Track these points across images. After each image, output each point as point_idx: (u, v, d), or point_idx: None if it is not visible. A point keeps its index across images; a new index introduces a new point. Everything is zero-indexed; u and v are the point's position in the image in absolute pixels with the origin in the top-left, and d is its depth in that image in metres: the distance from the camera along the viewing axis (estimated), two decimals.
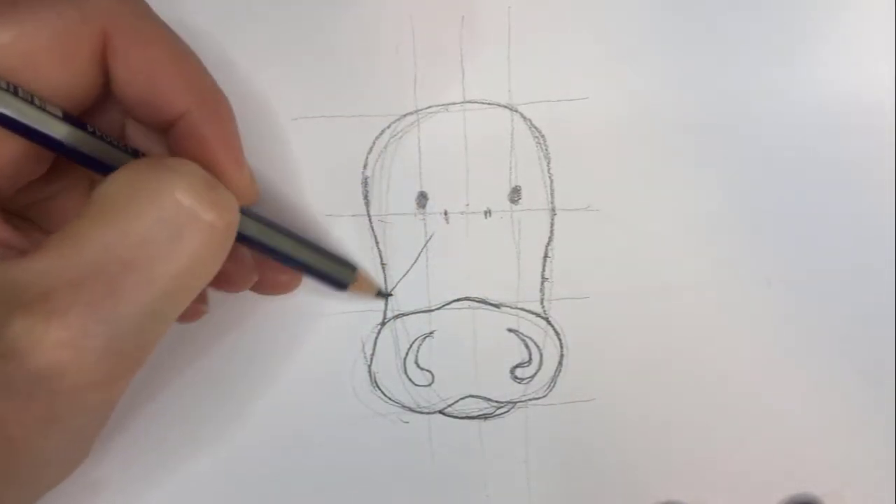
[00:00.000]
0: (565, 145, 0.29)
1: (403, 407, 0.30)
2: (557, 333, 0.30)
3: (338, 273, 0.27)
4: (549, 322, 0.30)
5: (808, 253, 0.29)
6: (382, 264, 0.30)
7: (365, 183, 0.29)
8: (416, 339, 0.30)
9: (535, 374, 0.30)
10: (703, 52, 0.28)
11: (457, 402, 0.30)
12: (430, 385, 0.30)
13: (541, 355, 0.30)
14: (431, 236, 0.29)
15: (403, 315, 0.30)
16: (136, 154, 0.22)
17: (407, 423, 0.30)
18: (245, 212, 0.24)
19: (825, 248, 0.29)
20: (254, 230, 0.24)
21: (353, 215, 0.29)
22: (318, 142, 0.29)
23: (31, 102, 0.20)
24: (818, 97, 0.28)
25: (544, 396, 0.30)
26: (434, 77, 0.28)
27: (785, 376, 0.30)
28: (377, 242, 0.29)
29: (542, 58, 0.28)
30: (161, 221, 0.18)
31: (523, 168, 0.29)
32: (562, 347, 0.30)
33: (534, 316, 0.30)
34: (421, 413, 0.30)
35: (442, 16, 0.28)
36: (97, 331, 0.18)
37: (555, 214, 0.29)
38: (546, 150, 0.29)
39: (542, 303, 0.30)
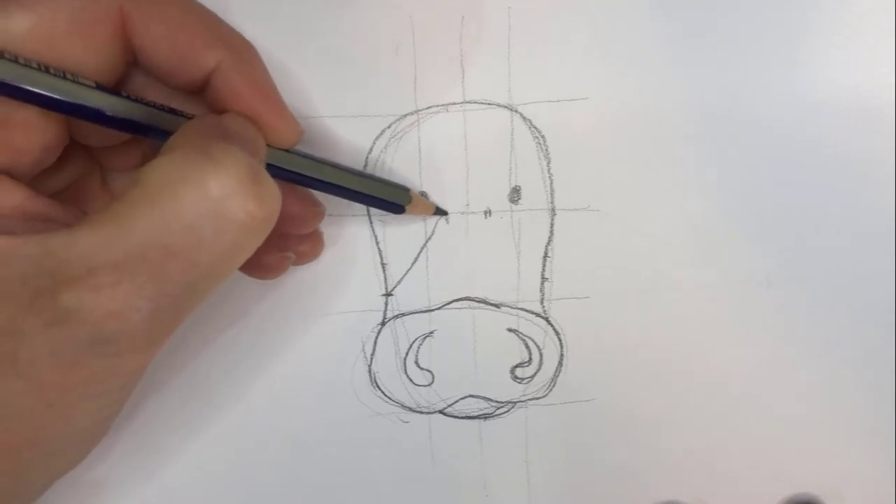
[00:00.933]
0: (565, 145, 0.29)
1: (403, 407, 0.30)
2: (557, 333, 0.30)
3: (393, 196, 0.27)
4: (549, 322, 0.30)
5: (808, 253, 0.29)
6: (382, 264, 0.30)
7: None
8: (416, 339, 0.30)
9: (535, 374, 0.30)
10: (703, 52, 0.28)
11: (457, 402, 0.30)
12: (430, 385, 0.30)
13: (541, 355, 0.30)
14: (431, 236, 0.29)
15: (403, 315, 0.30)
16: (173, 112, 0.22)
17: (407, 423, 0.30)
18: (293, 151, 0.24)
19: (825, 247, 0.29)
20: (304, 167, 0.25)
21: (353, 215, 0.29)
22: (319, 142, 0.29)
23: (64, 77, 0.20)
24: (818, 97, 0.28)
25: (544, 396, 0.30)
26: (434, 77, 0.28)
27: (785, 376, 0.30)
28: (377, 242, 0.29)
29: (542, 58, 0.28)
30: (204, 212, 0.19)
31: (523, 168, 0.29)
32: (562, 347, 0.30)
33: (534, 316, 0.30)
34: (421, 413, 0.30)
35: (442, 16, 0.28)
36: (140, 305, 0.19)
37: (555, 214, 0.29)
38: (546, 150, 0.29)
39: (542, 303, 0.30)
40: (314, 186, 0.26)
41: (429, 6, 0.28)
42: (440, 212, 0.29)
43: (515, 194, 0.29)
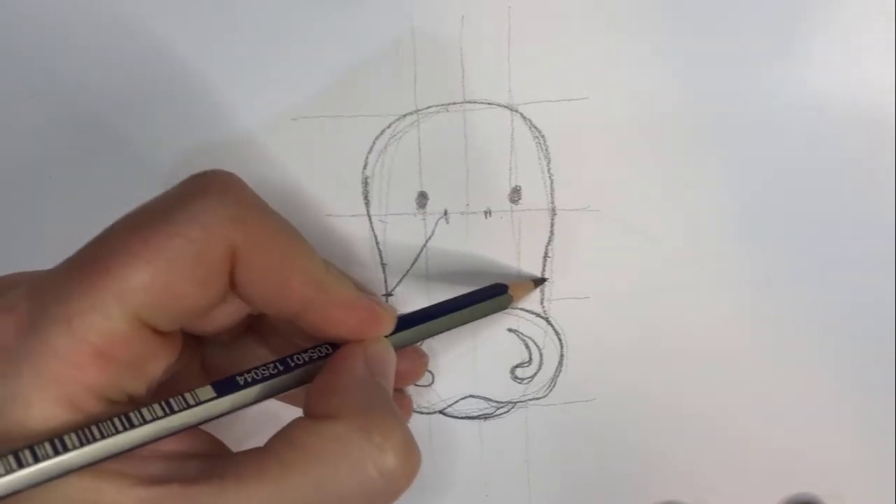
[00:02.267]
0: (565, 145, 0.29)
1: None
2: (557, 333, 0.30)
3: (496, 305, 0.28)
4: (549, 322, 0.30)
5: (808, 253, 0.29)
6: (382, 264, 0.30)
7: (365, 183, 0.29)
8: None
9: (535, 374, 0.30)
10: (703, 52, 0.28)
11: (457, 402, 0.30)
12: (429, 385, 0.30)
13: (541, 355, 0.30)
14: (431, 236, 0.29)
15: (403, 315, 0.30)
16: (294, 366, 0.23)
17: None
18: (401, 323, 0.25)
19: (825, 247, 0.29)
20: (412, 337, 0.25)
21: (353, 215, 0.29)
22: (318, 142, 0.29)
23: (186, 405, 0.21)
24: (818, 97, 0.28)
25: (544, 396, 0.30)
26: (434, 77, 0.28)
27: (785, 376, 0.30)
28: (377, 242, 0.29)
29: (542, 58, 0.28)
30: (359, 488, 0.20)
31: (523, 168, 0.29)
32: (562, 347, 0.30)
33: (534, 316, 0.30)
34: (421, 413, 0.30)
35: (442, 16, 0.28)
36: None
37: (555, 214, 0.29)
38: (546, 150, 0.29)
39: (542, 303, 0.30)
40: (430, 337, 0.26)
41: (429, 6, 0.28)
42: (539, 282, 0.29)
43: (515, 194, 0.29)
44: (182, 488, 0.19)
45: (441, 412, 0.30)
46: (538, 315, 0.30)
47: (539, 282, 0.29)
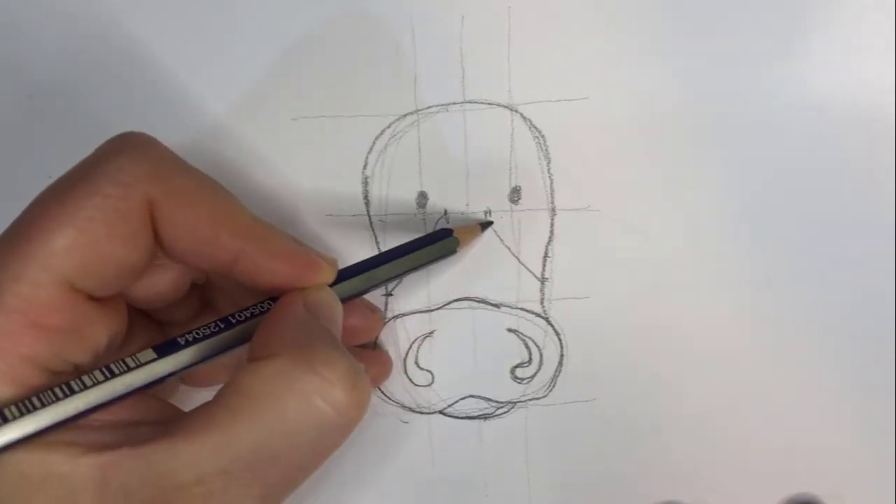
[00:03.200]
0: (565, 145, 0.29)
1: (403, 407, 0.30)
2: (557, 333, 0.30)
3: (442, 250, 0.27)
4: (549, 322, 0.30)
5: (808, 253, 0.29)
6: None
7: (365, 183, 0.29)
8: (416, 339, 0.30)
9: (535, 374, 0.30)
10: (704, 52, 0.28)
11: (457, 402, 0.30)
12: (430, 385, 0.30)
13: (541, 355, 0.30)
14: None
15: (403, 315, 0.30)
16: (244, 319, 0.23)
17: (407, 423, 0.30)
18: (343, 274, 0.25)
19: (825, 248, 0.29)
20: (358, 286, 0.25)
21: (353, 215, 0.29)
22: (318, 142, 0.29)
23: (127, 368, 0.21)
24: (818, 97, 0.28)
25: (544, 396, 0.30)
26: (434, 77, 0.28)
27: (785, 376, 0.30)
28: (377, 242, 0.29)
29: (542, 58, 0.28)
30: (309, 422, 0.20)
31: (523, 168, 0.29)
32: (562, 347, 0.30)
33: (534, 316, 0.30)
34: (421, 413, 0.30)
35: (442, 16, 0.28)
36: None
37: (555, 214, 0.29)
38: (546, 150, 0.29)
39: (542, 303, 0.30)
40: (373, 289, 0.26)
41: (429, 6, 0.28)
42: (486, 225, 0.29)
43: (515, 194, 0.29)
44: (132, 450, 0.19)
45: (441, 412, 0.30)
46: (538, 315, 0.30)
47: (486, 225, 0.29)
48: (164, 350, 0.21)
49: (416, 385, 0.30)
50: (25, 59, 0.28)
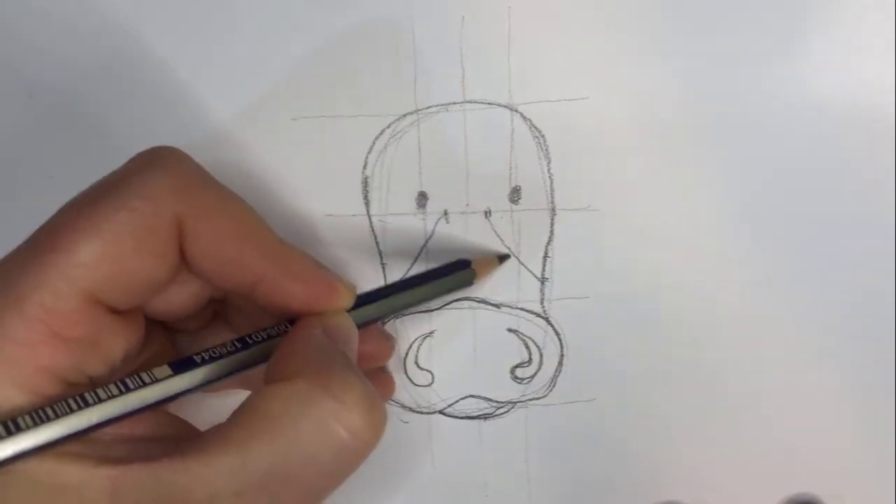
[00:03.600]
0: (565, 145, 0.29)
1: (403, 407, 0.30)
2: (557, 333, 0.30)
3: (460, 281, 0.28)
4: (549, 322, 0.30)
5: (808, 253, 0.29)
6: (382, 264, 0.30)
7: (365, 183, 0.29)
8: (416, 339, 0.30)
9: (535, 374, 0.30)
10: (704, 52, 0.28)
11: (457, 402, 0.30)
12: (430, 385, 0.30)
13: (541, 355, 0.30)
14: (431, 236, 0.29)
15: (403, 315, 0.30)
16: (258, 341, 0.23)
17: (407, 423, 0.30)
18: (361, 299, 0.25)
19: (825, 248, 0.29)
20: (374, 312, 0.25)
21: (353, 215, 0.29)
22: (318, 142, 0.29)
23: (143, 384, 0.21)
24: (818, 97, 0.28)
25: (544, 396, 0.30)
26: (434, 77, 0.28)
27: (785, 376, 0.30)
28: (377, 242, 0.29)
29: (542, 58, 0.28)
30: (326, 447, 0.20)
31: (523, 168, 0.29)
32: (562, 347, 0.30)
33: (534, 316, 0.30)
34: (421, 413, 0.30)
35: (442, 16, 0.28)
36: None
37: (555, 214, 0.29)
38: (546, 150, 0.29)
39: (542, 303, 0.30)
40: (389, 317, 0.26)
41: (429, 6, 0.28)
42: (504, 258, 0.29)
43: (515, 194, 0.29)
44: (145, 465, 0.19)
45: (441, 412, 0.30)
46: (538, 315, 0.30)
47: (503, 258, 0.29)
48: (179, 367, 0.21)
49: (416, 385, 0.30)
50: (25, 59, 0.28)
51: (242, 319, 0.26)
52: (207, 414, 0.29)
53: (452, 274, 0.27)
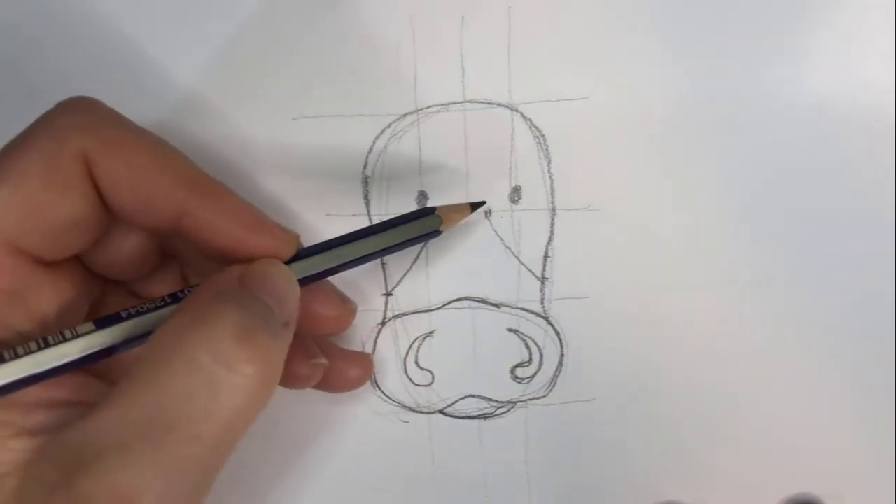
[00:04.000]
0: (565, 145, 0.29)
1: (403, 407, 0.30)
2: (557, 333, 0.30)
3: (424, 227, 0.26)
4: (549, 322, 0.30)
5: (808, 253, 0.29)
6: (382, 264, 0.30)
7: (365, 183, 0.29)
8: (416, 339, 0.30)
9: (535, 374, 0.30)
10: (704, 52, 0.28)
11: (457, 401, 0.30)
12: (430, 385, 0.30)
13: (541, 355, 0.30)
14: None
15: (403, 315, 0.30)
16: (182, 297, 0.22)
17: (407, 422, 0.30)
18: (305, 252, 0.24)
19: (825, 248, 0.29)
20: (320, 264, 0.24)
21: (353, 215, 0.29)
22: (318, 142, 0.29)
23: (63, 339, 0.20)
24: (818, 97, 0.28)
25: (544, 396, 0.30)
26: (434, 77, 0.28)
27: (785, 376, 0.30)
28: None
29: (542, 58, 0.28)
30: (196, 381, 0.19)
31: (523, 168, 0.29)
32: (562, 347, 0.30)
33: (534, 316, 0.30)
34: (421, 413, 0.30)
35: (442, 16, 0.28)
36: (151, 484, 0.18)
37: (555, 214, 0.29)
38: (546, 150, 0.29)
39: (542, 303, 0.30)
40: (344, 269, 0.24)
41: (429, 6, 0.28)
42: (477, 205, 0.27)
43: (515, 194, 0.29)
44: (57, 432, 0.18)
45: (441, 412, 0.30)
46: (538, 315, 0.30)
47: (476, 205, 0.27)
48: (104, 322, 0.20)
49: (416, 385, 0.30)
50: (25, 59, 0.28)
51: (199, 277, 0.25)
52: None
53: (414, 221, 0.25)
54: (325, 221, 0.29)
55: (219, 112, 0.29)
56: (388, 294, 0.30)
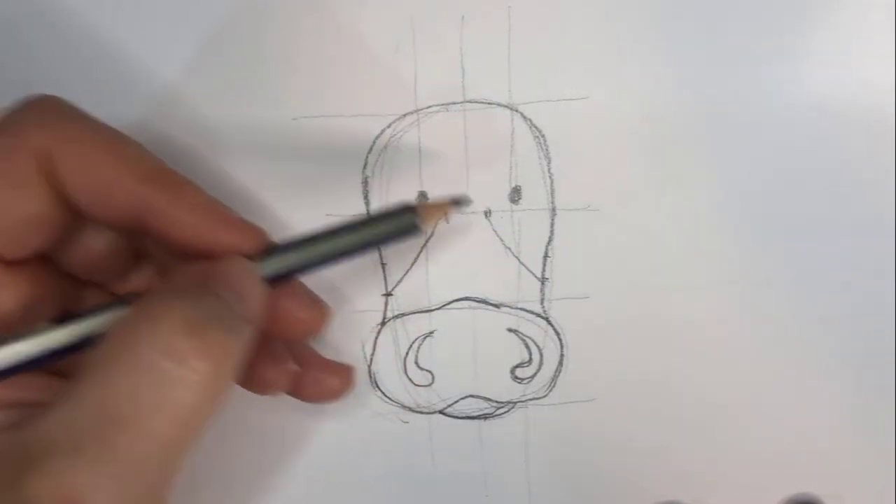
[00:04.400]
0: (565, 145, 0.29)
1: (403, 407, 0.30)
2: (557, 333, 0.30)
3: (402, 224, 0.23)
4: (549, 322, 0.30)
5: (808, 253, 0.29)
6: (382, 264, 0.30)
7: (365, 183, 0.29)
8: (416, 339, 0.30)
9: (535, 374, 0.30)
10: (703, 52, 0.28)
11: (457, 402, 0.30)
12: (430, 385, 0.30)
13: (541, 355, 0.30)
14: (431, 236, 0.29)
15: (403, 315, 0.30)
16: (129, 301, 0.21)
17: (407, 423, 0.30)
18: (276, 247, 0.23)
19: (825, 248, 0.29)
20: (290, 263, 0.23)
21: (353, 215, 0.29)
22: (318, 142, 0.29)
23: (20, 338, 0.20)
24: (818, 97, 0.28)
25: (544, 396, 0.30)
26: (434, 77, 0.28)
27: (785, 376, 0.30)
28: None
29: (542, 58, 0.28)
30: (143, 377, 0.18)
31: (523, 168, 0.29)
32: (562, 347, 0.30)
33: (534, 316, 0.30)
34: (421, 413, 0.30)
35: (442, 16, 0.28)
36: (102, 484, 0.18)
37: (555, 214, 0.29)
38: (546, 150, 0.29)
39: (542, 303, 0.30)
40: (318, 269, 0.23)
41: (429, 6, 0.28)
42: (459, 201, 0.25)
43: (515, 194, 0.29)
44: (4, 435, 0.18)
45: (441, 412, 0.30)
46: (538, 315, 0.30)
47: (460, 201, 0.25)
48: (62, 319, 0.20)
49: (416, 385, 0.30)
50: (25, 58, 0.28)
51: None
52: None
53: (390, 219, 0.23)
54: (325, 221, 0.29)
55: (219, 113, 0.29)
56: (388, 294, 0.30)
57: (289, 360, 0.26)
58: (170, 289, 0.20)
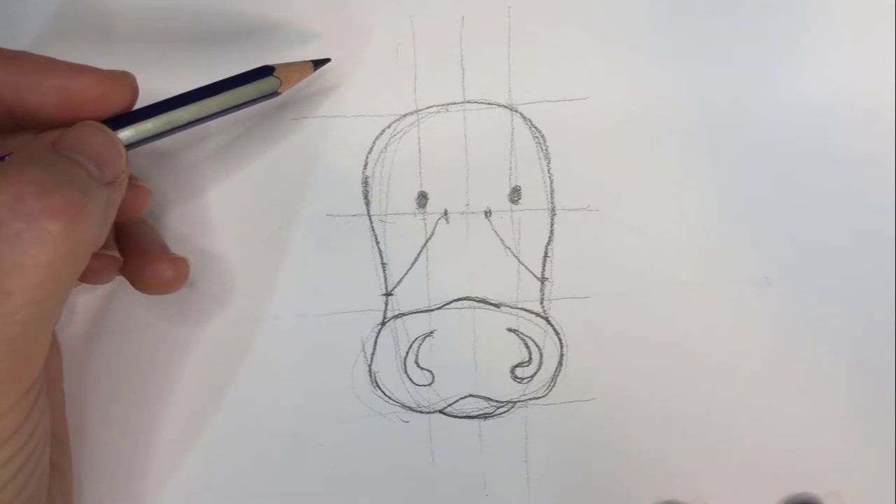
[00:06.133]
0: (565, 145, 0.29)
1: (403, 406, 0.30)
2: (557, 333, 0.30)
3: (262, 89, 0.25)
4: (549, 322, 0.30)
5: (808, 253, 0.29)
6: (382, 264, 0.30)
7: (365, 183, 0.29)
8: (416, 339, 0.30)
9: (535, 373, 0.30)
10: (704, 53, 0.28)
11: (457, 401, 0.30)
12: (430, 385, 0.30)
13: (541, 355, 0.30)
14: (431, 236, 0.29)
15: (403, 315, 0.30)
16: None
17: (407, 422, 0.30)
18: (134, 114, 0.23)
19: (825, 247, 0.29)
20: (158, 126, 0.23)
21: (353, 215, 0.29)
22: (318, 142, 0.29)
23: None
24: (818, 97, 0.28)
25: (544, 396, 0.30)
26: (434, 77, 0.28)
27: (784, 376, 0.30)
28: (377, 242, 0.29)
29: (542, 58, 0.28)
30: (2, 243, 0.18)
31: (523, 168, 0.29)
32: (562, 347, 0.30)
33: (534, 316, 0.30)
34: (421, 413, 0.30)
35: (442, 16, 0.28)
36: None
37: (555, 214, 0.29)
38: (546, 150, 0.29)
39: (542, 303, 0.30)
40: (177, 132, 0.24)
41: (429, 6, 0.28)
42: (320, 63, 0.26)
43: (515, 194, 0.29)
44: None
45: (441, 412, 0.30)
46: (538, 315, 0.30)
47: (320, 63, 0.26)
48: None
49: (416, 385, 0.30)
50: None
51: None
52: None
53: (249, 81, 0.24)
54: (325, 221, 0.29)
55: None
56: (388, 294, 0.30)
57: (113, 247, 0.26)
58: (24, 154, 0.20)
